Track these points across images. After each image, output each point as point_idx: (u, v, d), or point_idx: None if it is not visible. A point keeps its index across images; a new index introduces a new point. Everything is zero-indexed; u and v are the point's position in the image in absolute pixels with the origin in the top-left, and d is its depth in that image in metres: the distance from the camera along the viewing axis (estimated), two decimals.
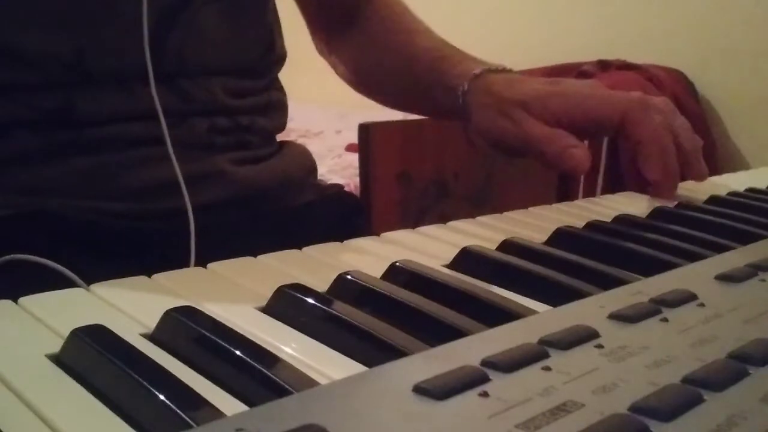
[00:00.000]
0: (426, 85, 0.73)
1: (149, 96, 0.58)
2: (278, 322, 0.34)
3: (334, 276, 0.38)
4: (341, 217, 0.74)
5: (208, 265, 0.40)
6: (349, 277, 0.37)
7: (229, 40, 0.65)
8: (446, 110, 0.71)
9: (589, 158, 0.60)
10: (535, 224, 0.51)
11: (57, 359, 0.29)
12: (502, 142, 0.66)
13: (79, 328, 0.30)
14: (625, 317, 0.31)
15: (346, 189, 0.84)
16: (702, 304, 0.33)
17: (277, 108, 0.72)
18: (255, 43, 0.69)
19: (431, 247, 0.45)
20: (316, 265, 0.41)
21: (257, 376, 0.28)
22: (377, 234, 0.48)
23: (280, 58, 0.73)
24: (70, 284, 0.41)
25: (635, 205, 0.59)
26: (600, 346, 0.28)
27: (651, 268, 0.39)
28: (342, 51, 0.82)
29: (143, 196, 0.60)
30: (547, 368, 0.26)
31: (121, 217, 0.59)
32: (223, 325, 0.32)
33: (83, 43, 0.57)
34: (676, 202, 0.59)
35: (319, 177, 0.79)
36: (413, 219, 1.33)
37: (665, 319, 0.31)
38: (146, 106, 0.58)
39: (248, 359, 0.28)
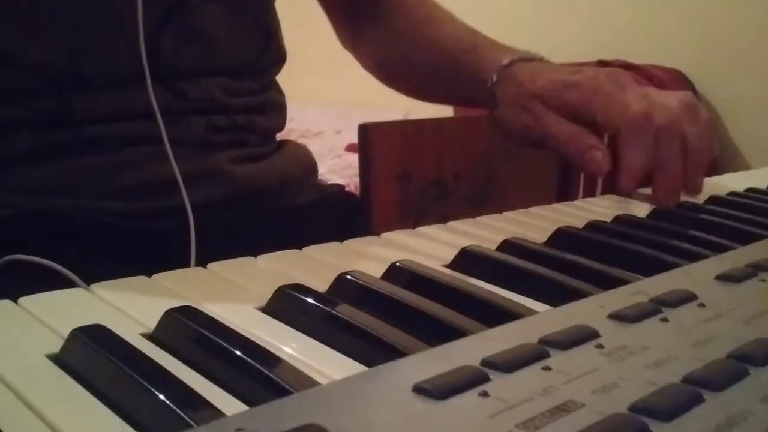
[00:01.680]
0: (453, 76, 0.73)
1: (146, 95, 0.58)
2: (278, 322, 0.34)
3: (334, 276, 0.38)
4: (341, 217, 0.74)
5: (208, 265, 0.40)
6: (349, 277, 0.37)
7: (226, 40, 0.65)
8: (476, 101, 0.71)
9: (608, 161, 0.60)
10: (535, 224, 0.51)
11: (57, 359, 0.29)
12: (525, 136, 0.66)
13: (79, 328, 0.30)
14: (625, 317, 0.31)
15: (346, 189, 0.83)
16: (702, 304, 0.33)
17: (275, 108, 0.72)
18: (252, 43, 0.69)
19: (431, 247, 0.45)
20: (316, 265, 0.41)
21: (257, 376, 0.28)
22: (377, 234, 0.48)
23: (279, 59, 0.73)
24: (70, 284, 0.41)
25: (635, 205, 0.59)
26: (600, 346, 0.28)
27: (651, 268, 0.39)
28: (366, 43, 0.82)
29: (142, 195, 0.60)
30: (547, 368, 0.26)
31: (120, 216, 0.59)
32: (223, 325, 0.32)
33: (78, 47, 0.57)
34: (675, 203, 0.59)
35: (319, 177, 0.79)
36: (413, 219, 1.33)
37: (665, 319, 0.31)
38: (143, 106, 0.58)
39: (248, 359, 0.28)
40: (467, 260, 0.42)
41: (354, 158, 1.69)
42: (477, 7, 2.55)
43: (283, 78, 0.75)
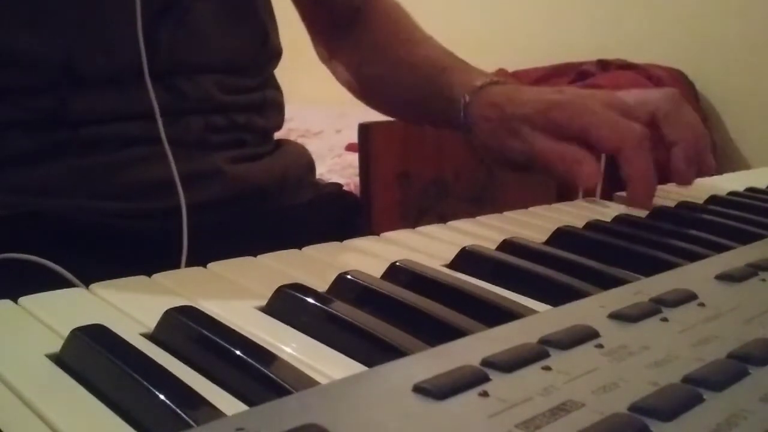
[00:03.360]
0: (426, 96, 0.72)
1: (143, 95, 0.58)
2: (278, 322, 0.34)
3: (334, 276, 0.37)
4: (340, 216, 0.74)
5: (208, 265, 0.40)
6: (349, 277, 0.37)
7: (222, 36, 0.65)
8: (447, 122, 0.70)
9: (598, 172, 0.59)
10: (535, 224, 0.51)
11: (57, 359, 0.29)
12: (508, 159, 0.65)
13: (79, 327, 0.30)
14: (625, 317, 0.31)
15: (345, 188, 0.83)
16: (702, 304, 0.33)
17: (273, 107, 0.72)
18: (248, 39, 0.68)
19: (431, 246, 0.45)
20: (316, 265, 0.41)
21: (257, 376, 0.28)
22: (377, 234, 0.48)
23: (275, 55, 0.73)
24: (68, 284, 0.41)
25: None
26: (600, 346, 0.28)
27: (651, 268, 0.39)
28: (341, 57, 0.81)
29: (140, 196, 0.60)
30: (547, 368, 0.26)
31: (119, 216, 0.59)
32: (223, 324, 0.32)
33: (73, 44, 0.57)
34: (673, 204, 0.59)
35: (319, 176, 0.79)
36: (413, 219, 1.33)
37: (665, 319, 0.31)
38: (140, 105, 0.58)
39: (248, 359, 0.28)
40: (467, 260, 0.42)
41: (354, 158, 1.69)
42: (477, 7, 2.55)
43: (282, 77, 0.75)
